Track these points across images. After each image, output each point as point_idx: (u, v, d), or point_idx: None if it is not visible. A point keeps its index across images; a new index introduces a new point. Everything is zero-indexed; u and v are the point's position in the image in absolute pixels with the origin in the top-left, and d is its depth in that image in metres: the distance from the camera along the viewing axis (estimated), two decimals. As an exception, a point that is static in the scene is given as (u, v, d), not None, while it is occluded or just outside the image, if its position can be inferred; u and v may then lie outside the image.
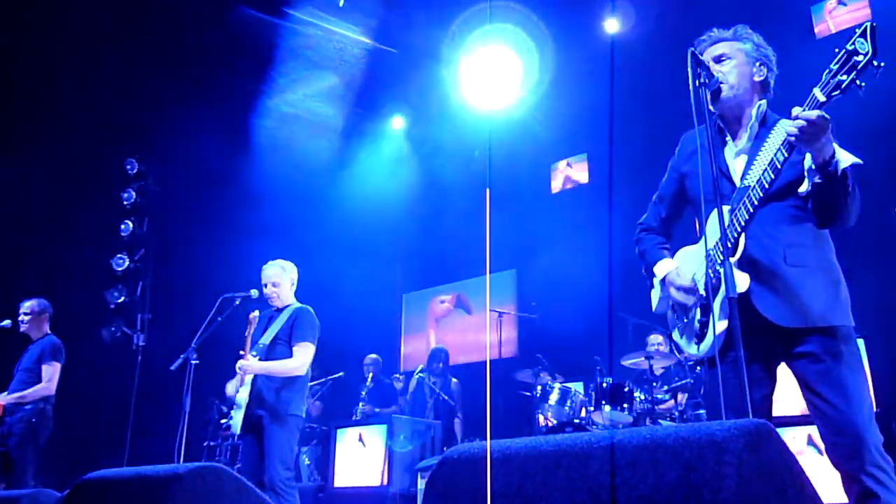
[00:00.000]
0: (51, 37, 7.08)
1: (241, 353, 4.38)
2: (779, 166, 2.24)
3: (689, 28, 2.86)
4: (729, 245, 2.23)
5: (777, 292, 2.27)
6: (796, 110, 2.16)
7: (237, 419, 4.34)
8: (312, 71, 8.16)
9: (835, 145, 2.16)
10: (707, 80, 2.34)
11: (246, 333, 4.45)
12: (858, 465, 2.10)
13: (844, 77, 2.07)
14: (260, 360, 4.36)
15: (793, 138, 2.15)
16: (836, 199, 2.20)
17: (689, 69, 2.31)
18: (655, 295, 2.69)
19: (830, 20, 6.91)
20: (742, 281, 2.26)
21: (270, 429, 4.26)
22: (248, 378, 4.38)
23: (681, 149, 2.71)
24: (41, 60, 7.21)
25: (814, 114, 2.10)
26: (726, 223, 2.26)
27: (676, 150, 2.73)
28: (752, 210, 2.28)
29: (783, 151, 2.23)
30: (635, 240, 2.80)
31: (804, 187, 2.24)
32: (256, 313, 4.55)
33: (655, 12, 7.27)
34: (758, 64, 2.50)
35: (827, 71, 2.11)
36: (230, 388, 4.45)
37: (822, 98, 2.11)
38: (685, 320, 2.54)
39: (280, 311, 4.64)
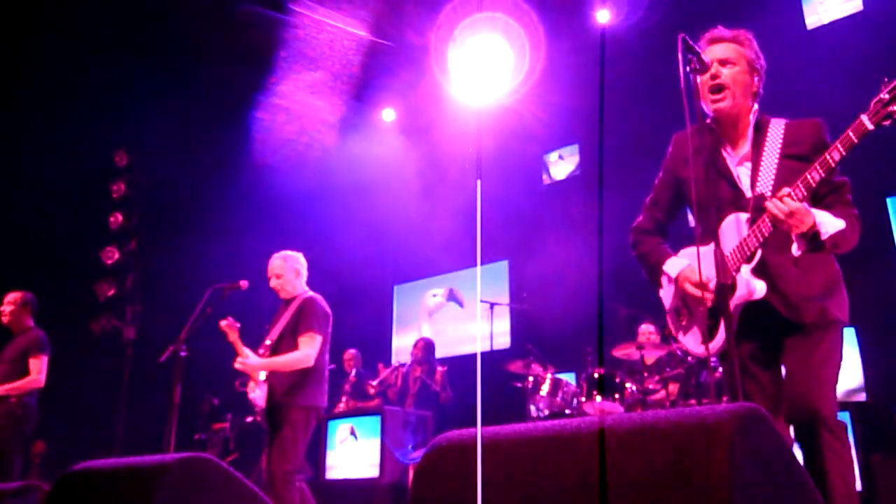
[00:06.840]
0: (40, 27, 7.01)
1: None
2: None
3: (680, 19, 2.83)
4: (747, 254, 2.35)
5: (788, 289, 2.32)
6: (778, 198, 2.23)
7: (264, 417, 4.36)
8: (304, 63, 8.11)
9: (814, 212, 2.23)
10: (698, 67, 2.32)
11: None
12: (814, 438, 2.19)
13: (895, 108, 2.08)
14: (267, 356, 4.33)
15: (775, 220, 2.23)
16: (828, 252, 2.33)
17: (679, 55, 2.28)
18: (666, 293, 2.65)
19: (822, 12, 6.90)
20: (759, 288, 2.32)
21: (281, 422, 4.23)
22: (262, 377, 4.32)
23: (674, 151, 2.66)
24: (29, 51, 7.14)
25: (795, 205, 2.18)
26: (744, 232, 2.35)
27: (669, 152, 2.68)
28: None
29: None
30: (632, 243, 2.75)
31: (795, 251, 2.31)
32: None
33: (647, 3, 7.25)
34: (756, 76, 2.50)
35: (876, 100, 2.11)
36: (249, 390, 4.40)
37: (870, 126, 2.12)
38: (691, 319, 2.54)
39: (287, 303, 4.51)
